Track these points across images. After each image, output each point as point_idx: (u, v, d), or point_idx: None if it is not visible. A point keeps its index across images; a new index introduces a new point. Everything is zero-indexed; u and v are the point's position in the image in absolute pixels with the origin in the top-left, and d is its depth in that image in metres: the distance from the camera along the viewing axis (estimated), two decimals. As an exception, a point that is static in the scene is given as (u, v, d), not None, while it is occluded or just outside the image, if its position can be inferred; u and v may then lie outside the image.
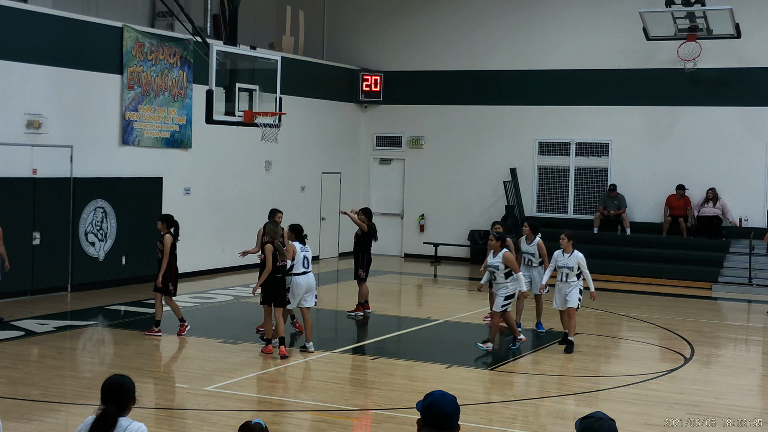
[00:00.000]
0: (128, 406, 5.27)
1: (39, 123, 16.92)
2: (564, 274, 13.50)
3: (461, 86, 25.40)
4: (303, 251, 12.98)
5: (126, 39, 18.51)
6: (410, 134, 26.08)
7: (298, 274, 12.96)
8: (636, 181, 23.55)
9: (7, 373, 11.44)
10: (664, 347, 14.51)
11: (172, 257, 13.93)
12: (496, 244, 13.35)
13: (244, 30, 19.61)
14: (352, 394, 11.13)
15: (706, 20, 20.85)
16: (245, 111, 14.66)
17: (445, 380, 11.74)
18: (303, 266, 12.97)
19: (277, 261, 12.77)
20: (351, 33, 26.63)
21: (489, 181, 25.00)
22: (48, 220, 17.09)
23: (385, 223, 25.75)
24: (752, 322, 17.93)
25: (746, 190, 22.58)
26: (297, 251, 12.92)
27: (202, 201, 20.63)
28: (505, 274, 13.28)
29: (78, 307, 16.47)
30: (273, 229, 12.95)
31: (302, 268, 12.96)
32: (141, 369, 11.92)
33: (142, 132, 19.00)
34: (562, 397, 11.17)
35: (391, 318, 16.67)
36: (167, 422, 9.67)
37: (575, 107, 24.25)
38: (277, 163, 22.91)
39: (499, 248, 13.33)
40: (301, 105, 23.03)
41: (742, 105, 22.65)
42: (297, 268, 12.93)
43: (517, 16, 24.79)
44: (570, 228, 23.64)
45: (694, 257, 21.94)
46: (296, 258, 12.89)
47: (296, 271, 12.93)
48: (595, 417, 4.38)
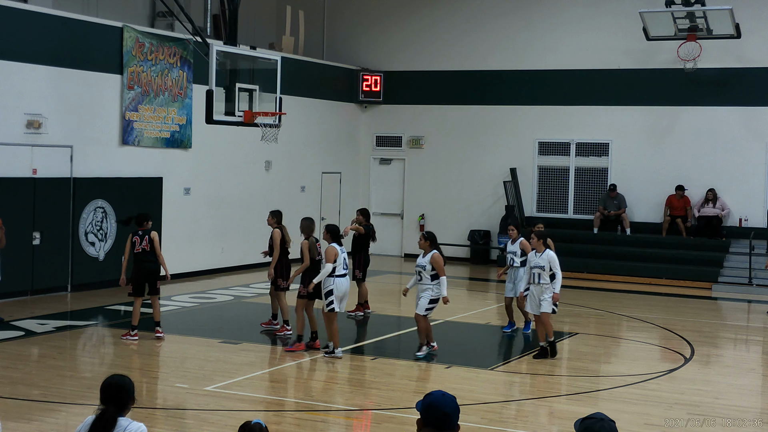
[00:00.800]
0: (127, 406, 5.27)
1: (39, 123, 16.92)
2: (536, 275, 12.96)
3: (461, 86, 25.40)
4: (342, 252, 12.66)
5: (126, 39, 18.51)
6: (410, 134, 26.08)
7: (340, 276, 12.60)
8: (636, 181, 23.55)
9: (7, 373, 11.44)
10: (664, 347, 14.51)
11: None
12: (425, 244, 12.72)
13: (244, 30, 19.60)
14: (352, 394, 11.13)
15: (706, 20, 20.85)
16: (245, 111, 14.66)
17: (445, 380, 11.74)
18: (343, 268, 12.66)
19: (315, 256, 12.86)
20: (351, 33, 26.63)
21: (489, 181, 25.00)
22: (48, 220, 17.08)
23: (385, 223, 25.76)
24: (752, 322, 17.93)
25: (746, 190, 22.58)
26: (338, 253, 12.55)
27: (202, 201, 20.63)
28: (431, 276, 12.64)
29: (78, 307, 16.47)
30: (309, 226, 12.94)
31: (342, 269, 12.65)
32: (141, 369, 11.92)
33: (142, 132, 19.00)
34: (562, 397, 11.17)
35: (391, 318, 16.66)
36: (167, 422, 9.67)
37: (575, 107, 24.25)
38: (277, 163, 22.91)
39: (429, 249, 12.65)
40: (301, 105, 23.03)
41: (742, 105, 22.65)
42: (339, 270, 12.57)
43: (517, 16, 24.79)
44: (570, 228, 23.77)
45: (694, 257, 21.94)
46: (337, 260, 12.52)
47: (338, 273, 12.56)
48: (595, 418, 4.38)
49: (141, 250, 13.57)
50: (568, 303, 17.73)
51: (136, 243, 13.58)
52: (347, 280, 12.77)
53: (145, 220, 13.74)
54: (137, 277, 13.56)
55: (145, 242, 13.59)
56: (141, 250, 13.57)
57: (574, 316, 17.02)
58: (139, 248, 13.57)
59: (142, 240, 13.59)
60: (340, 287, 12.61)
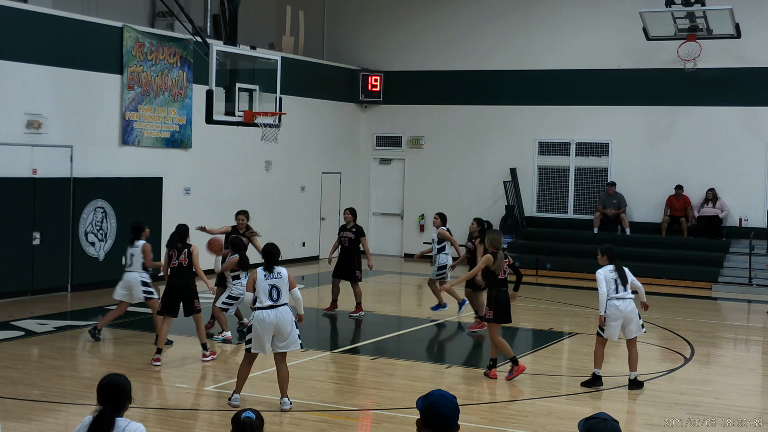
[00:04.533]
0: (125, 406, 5.26)
1: (39, 123, 16.92)
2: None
3: (461, 86, 25.40)
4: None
5: (126, 39, 18.51)
6: (410, 134, 26.08)
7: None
8: (636, 181, 23.54)
9: (7, 373, 11.44)
10: (664, 347, 14.50)
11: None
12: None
13: (244, 30, 19.61)
14: (352, 394, 11.13)
15: (706, 20, 20.85)
16: (245, 111, 14.65)
17: (445, 380, 11.73)
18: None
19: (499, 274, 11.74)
20: (351, 33, 26.62)
21: (489, 181, 24.99)
22: (48, 220, 17.08)
23: (385, 223, 25.77)
24: (752, 322, 17.92)
25: (746, 190, 22.57)
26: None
27: (202, 201, 20.62)
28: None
29: (78, 307, 16.47)
30: (497, 239, 11.80)
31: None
32: (141, 369, 11.91)
33: (142, 132, 19.00)
34: (562, 397, 11.16)
35: (391, 318, 16.66)
36: (167, 422, 9.66)
37: (575, 107, 24.24)
38: (277, 163, 22.91)
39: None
40: (301, 105, 23.03)
41: (742, 105, 22.65)
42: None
43: (517, 16, 24.79)
44: (570, 228, 23.76)
45: (694, 257, 21.93)
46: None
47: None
48: (599, 418, 4.37)
49: (177, 265, 12.47)
50: (568, 303, 17.73)
51: (173, 256, 12.49)
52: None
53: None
54: (167, 294, 12.51)
55: (183, 256, 12.49)
56: (177, 264, 12.47)
57: (574, 316, 17.02)
58: (176, 262, 12.47)
59: (180, 254, 12.49)
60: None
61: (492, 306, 11.62)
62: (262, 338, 9.88)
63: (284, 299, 9.96)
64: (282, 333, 9.91)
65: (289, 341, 9.98)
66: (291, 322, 10.00)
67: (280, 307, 9.91)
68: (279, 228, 22.48)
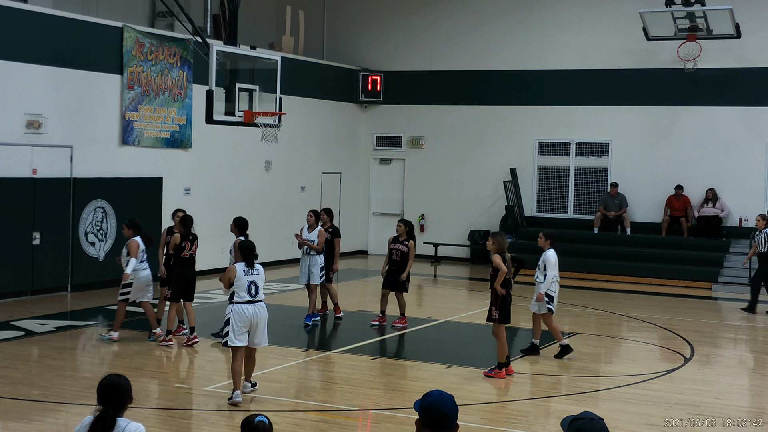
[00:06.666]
0: (125, 406, 5.26)
1: (39, 123, 16.92)
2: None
3: (461, 86, 25.40)
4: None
5: (126, 39, 18.51)
6: (410, 134, 26.09)
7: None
8: (636, 181, 23.54)
9: (7, 373, 11.44)
10: (664, 347, 14.51)
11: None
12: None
13: (244, 30, 19.60)
14: (352, 394, 11.12)
15: (706, 20, 20.85)
16: (245, 111, 14.65)
17: (445, 380, 11.73)
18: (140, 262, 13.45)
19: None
20: (351, 33, 26.63)
21: (489, 181, 25.00)
22: (48, 220, 17.08)
23: (385, 223, 25.77)
24: (752, 322, 17.92)
25: (746, 190, 22.57)
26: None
27: (202, 201, 20.62)
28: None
29: (78, 307, 16.47)
30: (503, 241, 12.04)
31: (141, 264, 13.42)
32: (141, 369, 11.92)
33: (142, 132, 19.00)
34: (562, 397, 11.17)
35: (391, 318, 16.66)
36: (167, 422, 9.67)
37: (575, 107, 24.25)
38: (277, 163, 22.91)
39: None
40: (301, 105, 23.03)
41: (742, 105, 22.65)
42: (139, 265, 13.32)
43: (517, 16, 24.79)
44: (570, 228, 23.75)
45: (694, 257, 21.94)
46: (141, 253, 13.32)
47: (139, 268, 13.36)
48: (585, 418, 4.37)
49: (189, 256, 13.25)
50: (569, 303, 17.73)
51: (185, 247, 13.19)
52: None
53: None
54: (179, 283, 13.16)
55: (195, 248, 13.35)
56: (189, 255, 13.25)
57: (574, 316, 17.02)
58: (187, 254, 13.22)
59: (192, 245, 13.30)
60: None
61: (498, 306, 11.87)
62: (241, 330, 10.26)
63: (261, 296, 10.40)
64: (257, 328, 10.35)
65: (261, 337, 10.45)
66: (266, 318, 10.49)
67: (258, 303, 10.35)
68: (279, 228, 22.49)
